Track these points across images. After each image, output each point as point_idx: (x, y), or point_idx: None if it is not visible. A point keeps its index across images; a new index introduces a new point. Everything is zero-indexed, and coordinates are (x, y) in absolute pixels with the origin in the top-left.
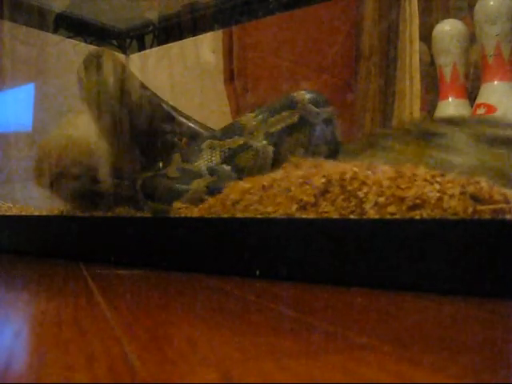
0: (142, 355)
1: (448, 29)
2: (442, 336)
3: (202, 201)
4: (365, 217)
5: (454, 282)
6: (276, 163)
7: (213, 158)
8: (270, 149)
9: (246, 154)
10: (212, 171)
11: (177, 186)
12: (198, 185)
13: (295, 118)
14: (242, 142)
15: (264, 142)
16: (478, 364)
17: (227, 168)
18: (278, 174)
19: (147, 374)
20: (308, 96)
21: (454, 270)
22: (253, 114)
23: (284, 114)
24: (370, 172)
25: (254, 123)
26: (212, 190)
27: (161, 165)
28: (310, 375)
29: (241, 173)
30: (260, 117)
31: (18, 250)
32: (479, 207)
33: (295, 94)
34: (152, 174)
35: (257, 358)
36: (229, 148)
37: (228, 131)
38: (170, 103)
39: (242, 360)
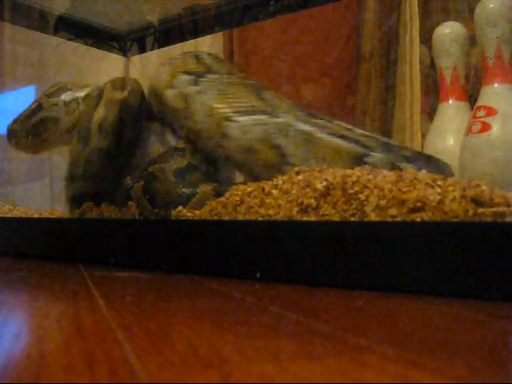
0: (142, 357)
1: (448, 31)
2: (441, 338)
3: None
4: (366, 219)
5: (453, 284)
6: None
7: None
8: (211, 169)
9: (195, 174)
10: None
11: (183, 190)
12: (205, 189)
13: None
14: (186, 162)
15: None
16: (476, 365)
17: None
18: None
19: (147, 376)
20: None
21: (454, 272)
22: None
23: None
24: (371, 176)
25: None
26: (220, 193)
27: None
28: (311, 378)
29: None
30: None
31: (18, 252)
32: (480, 210)
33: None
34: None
35: (257, 360)
36: (177, 168)
37: (168, 154)
38: None
39: (243, 362)
